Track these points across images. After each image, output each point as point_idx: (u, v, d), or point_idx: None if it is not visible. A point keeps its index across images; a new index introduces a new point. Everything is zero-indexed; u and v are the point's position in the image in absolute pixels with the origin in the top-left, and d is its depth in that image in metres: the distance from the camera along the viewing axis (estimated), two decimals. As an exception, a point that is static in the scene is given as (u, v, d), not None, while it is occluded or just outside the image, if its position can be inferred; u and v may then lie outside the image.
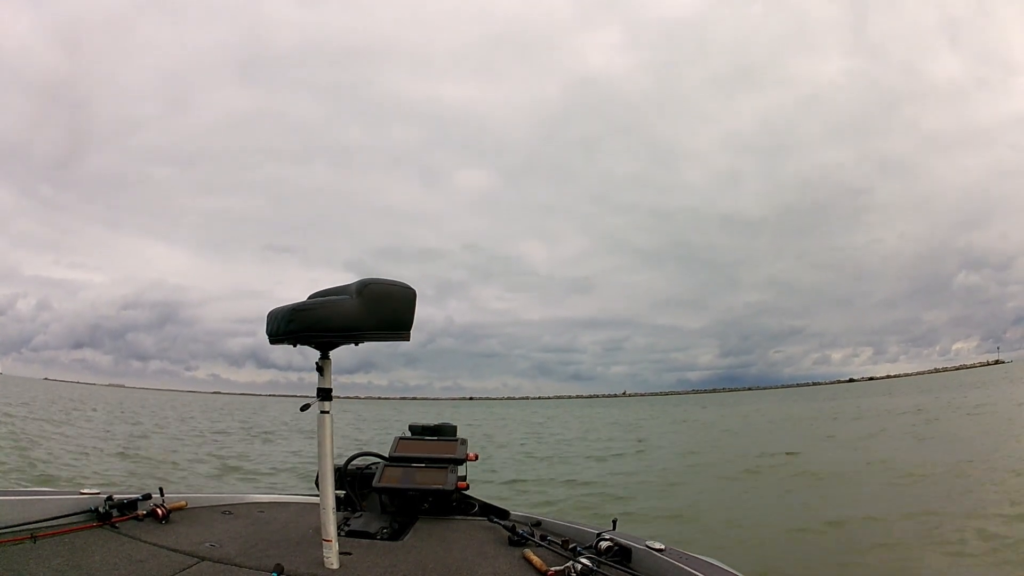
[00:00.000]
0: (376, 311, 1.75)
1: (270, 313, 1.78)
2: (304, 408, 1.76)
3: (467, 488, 2.61)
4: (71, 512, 1.92)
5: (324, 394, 1.76)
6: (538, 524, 2.42)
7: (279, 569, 1.64)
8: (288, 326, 1.72)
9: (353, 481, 2.65)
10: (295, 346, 1.75)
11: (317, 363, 1.79)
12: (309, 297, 1.84)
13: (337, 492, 2.36)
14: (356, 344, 1.77)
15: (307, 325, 1.69)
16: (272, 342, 1.81)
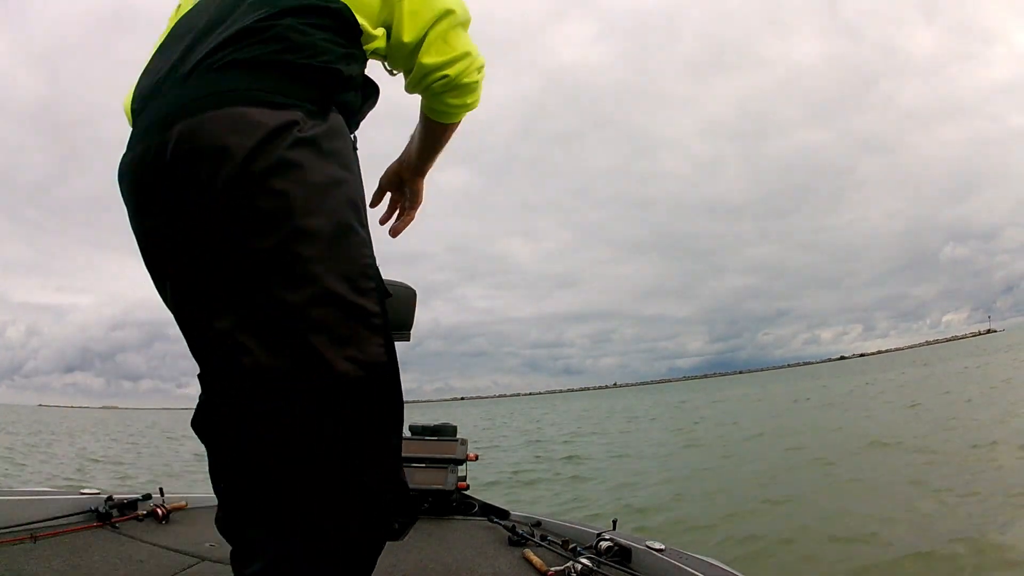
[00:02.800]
0: None
1: None
2: None
3: (467, 488, 2.61)
4: (71, 512, 1.92)
5: None
6: (538, 524, 2.42)
7: None
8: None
9: None
10: None
11: None
12: None
13: None
14: None
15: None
16: None
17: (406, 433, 2.95)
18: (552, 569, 1.79)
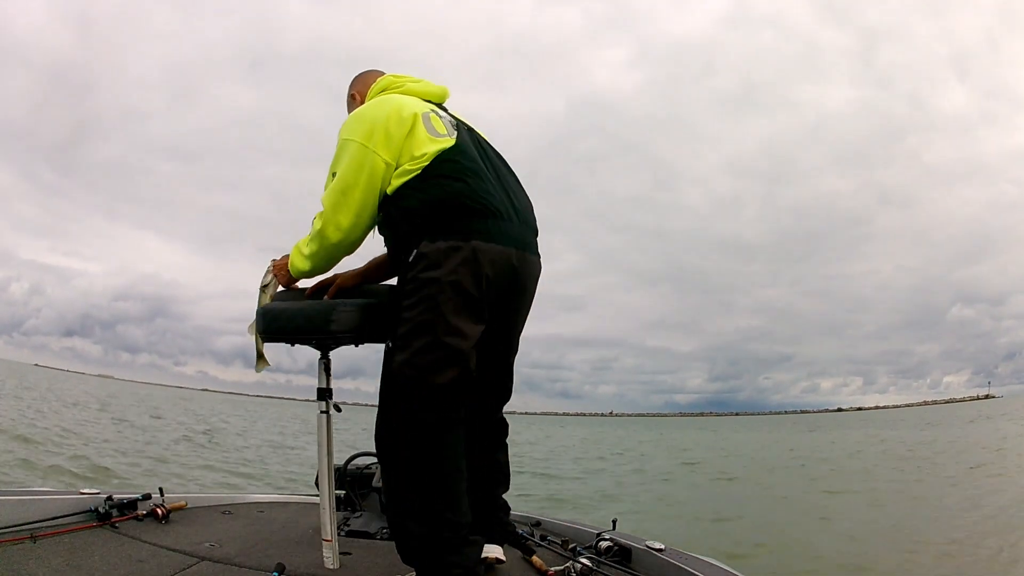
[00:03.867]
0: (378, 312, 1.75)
1: (265, 310, 1.75)
2: (336, 409, 1.80)
3: None
4: (71, 512, 1.92)
5: (324, 394, 1.75)
6: (538, 524, 2.42)
7: (280, 569, 1.64)
8: (288, 324, 1.70)
9: (353, 481, 2.65)
10: (292, 345, 1.74)
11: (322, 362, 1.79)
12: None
13: (337, 492, 2.36)
14: (356, 345, 1.77)
15: (308, 325, 1.68)
16: (265, 340, 1.78)
17: None
18: (552, 569, 1.79)
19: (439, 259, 1.52)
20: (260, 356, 1.86)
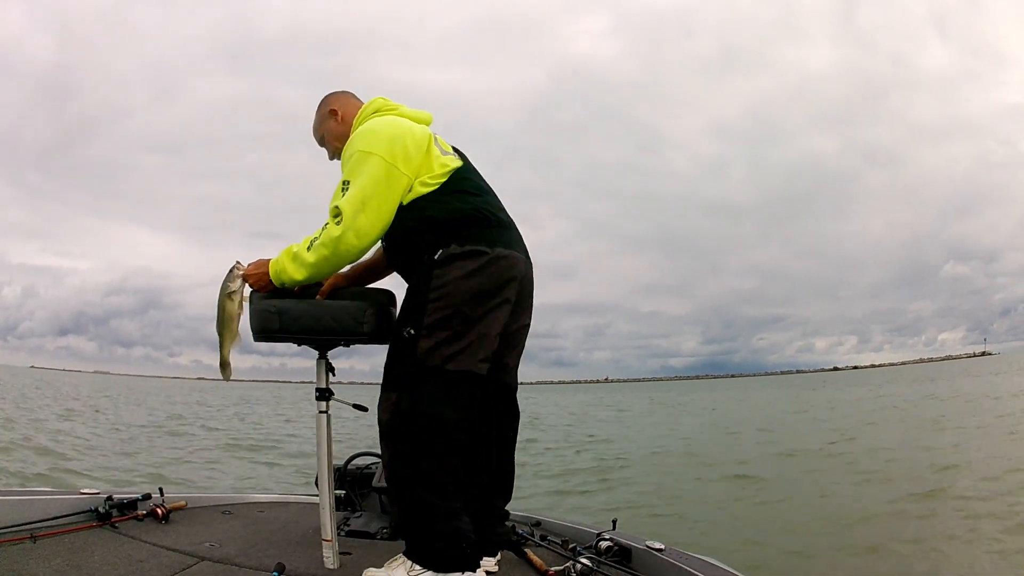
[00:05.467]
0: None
1: (283, 309, 1.74)
2: (359, 408, 1.84)
3: None
4: (71, 512, 1.92)
5: (323, 394, 1.76)
6: (538, 524, 2.42)
7: (280, 568, 1.64)
8: (316, 325, 1.72)
9: (353, 481, 2.65)
10: (299, 345, 1.77)
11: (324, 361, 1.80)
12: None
13: (337, 492, 2.35)
14: (346, 345, 1.81)
15: (339, 327, 1.72)
16: (261, 339, 1.78)
17: None
18: (552, 569, 1.79)
19: (468, 262, 1.67)
20: (226, 364, 1.80)
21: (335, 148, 1.89)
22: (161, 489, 2.26)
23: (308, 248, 1.67)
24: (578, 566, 1.74)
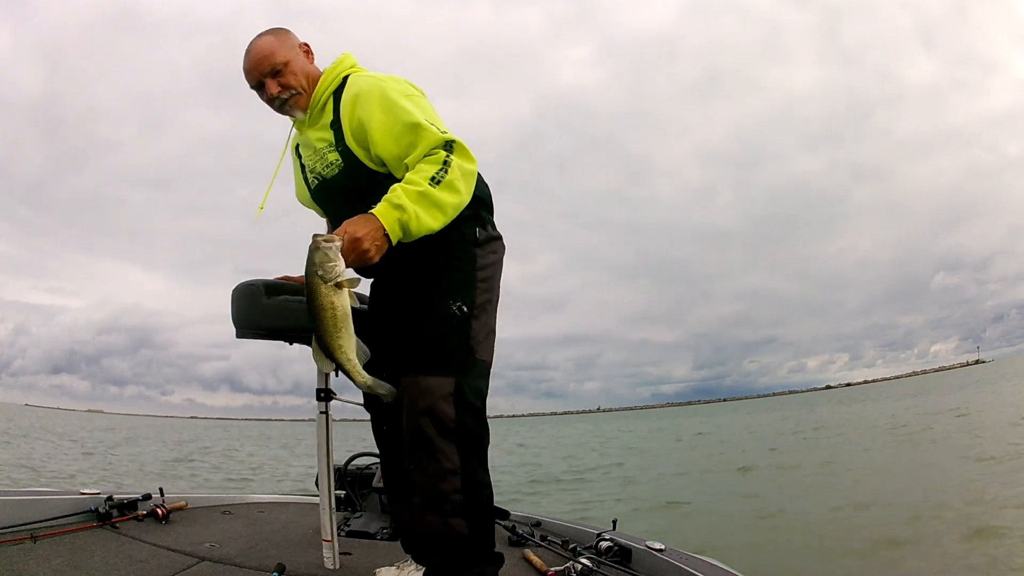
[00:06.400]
0: None
1: (283, 302, 1.65)
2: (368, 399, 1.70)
3: None
4: (71, 512, 1.92)
5: (323, 395, 1.75)
6: (538, 524, 2.42)
7: (280, 569, 1.64)
8: (294, 323, 1.64)
9: (353, 481, 2.65)
10: (291, 344, 1.73)
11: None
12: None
13: (337, 492, 2.36)
14: None
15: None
16: (255, 335, 1.70)
17: None
18: (552, 569, 1.79)
19: (499, 247, 1.60)
20: (366, 379, 1.38)
21: (296, 84, 1.56)
22: (161, 489, 2.25)
23: (437, 185, 1.35)
24: (578, 566, 1.74)
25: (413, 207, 1.33)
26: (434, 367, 1.41)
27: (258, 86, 1.59)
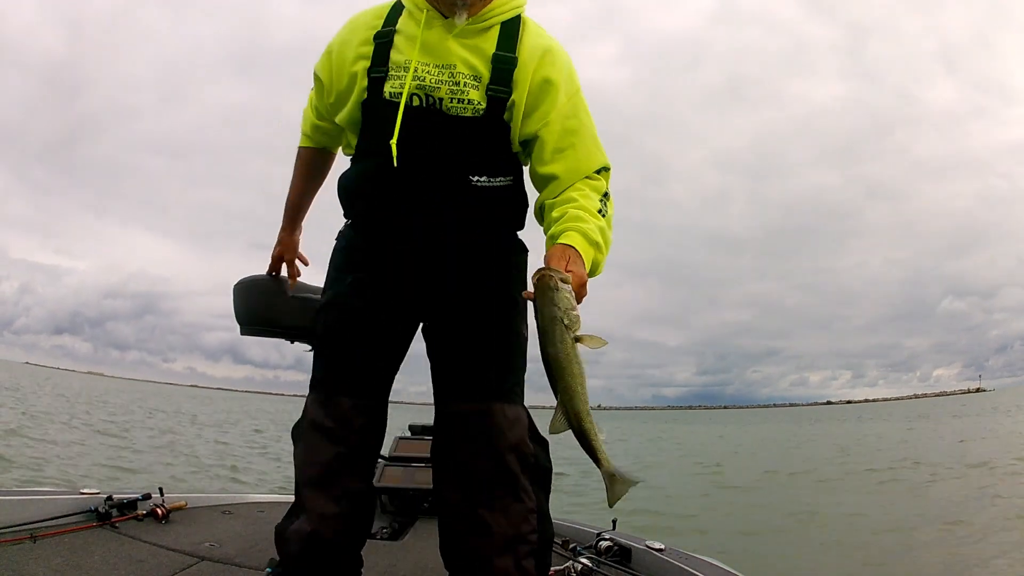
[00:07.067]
0: None
1: (304, 299, 1.66)
2: None
3: None
4: (71, 512, 1.91)
5: None
6: None
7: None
8: (298, 321, 1.65)
9: None
10: (292, 343, 1.73)
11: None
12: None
13: None
14: None
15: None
16: (259, 333, 1.72)
17: (406, 433, 2.95)
18: (552, 569, 1.79)
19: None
20: (615, 476, 1.11)
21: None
22: (161, 489, 2.25)
23: (604, 219, 1.20)
24: (578, 566, 1.74)
25: (599, 251, 1.16)
26: (511, 395, 1.29)
27: None
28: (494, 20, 1.27)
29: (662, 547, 1.87)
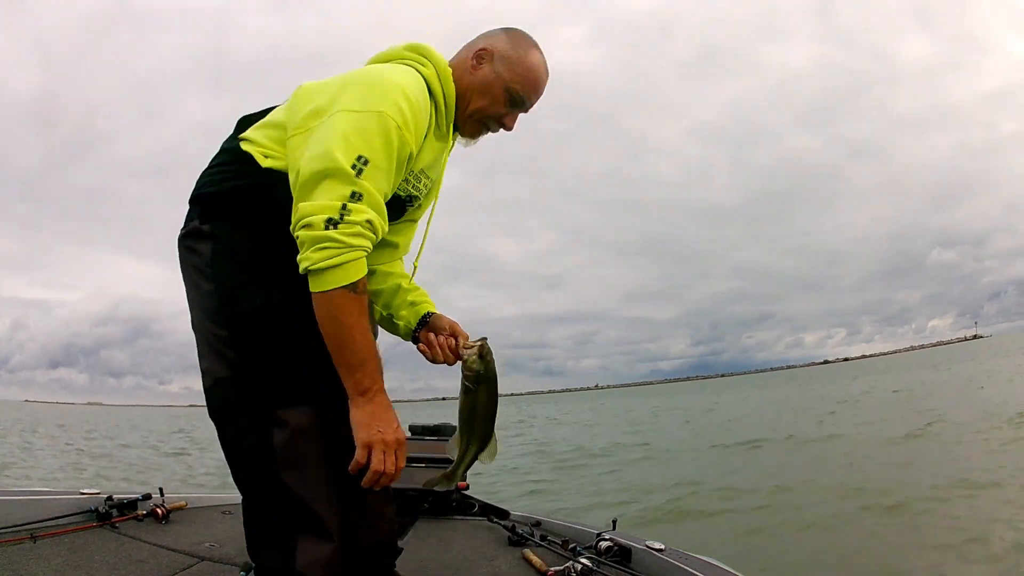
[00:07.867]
0: None
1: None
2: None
3: (467, 488, 2.62)
4: (71, 512, 1.92)
5: None
6: (538, 524, 2.42)
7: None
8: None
9: None
10: None
11: None
12: None
13: None
14: None
15: None
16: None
17: (406, 433, 2.95)
18: (552, 569, 1.79)
19: None
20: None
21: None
22: (161, 489, 2.26)
23: None
24: (578, 566, 1.74)
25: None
26: None
27: (524, 104, 1.37)
28: None
29: (662, 547, 1.87)
